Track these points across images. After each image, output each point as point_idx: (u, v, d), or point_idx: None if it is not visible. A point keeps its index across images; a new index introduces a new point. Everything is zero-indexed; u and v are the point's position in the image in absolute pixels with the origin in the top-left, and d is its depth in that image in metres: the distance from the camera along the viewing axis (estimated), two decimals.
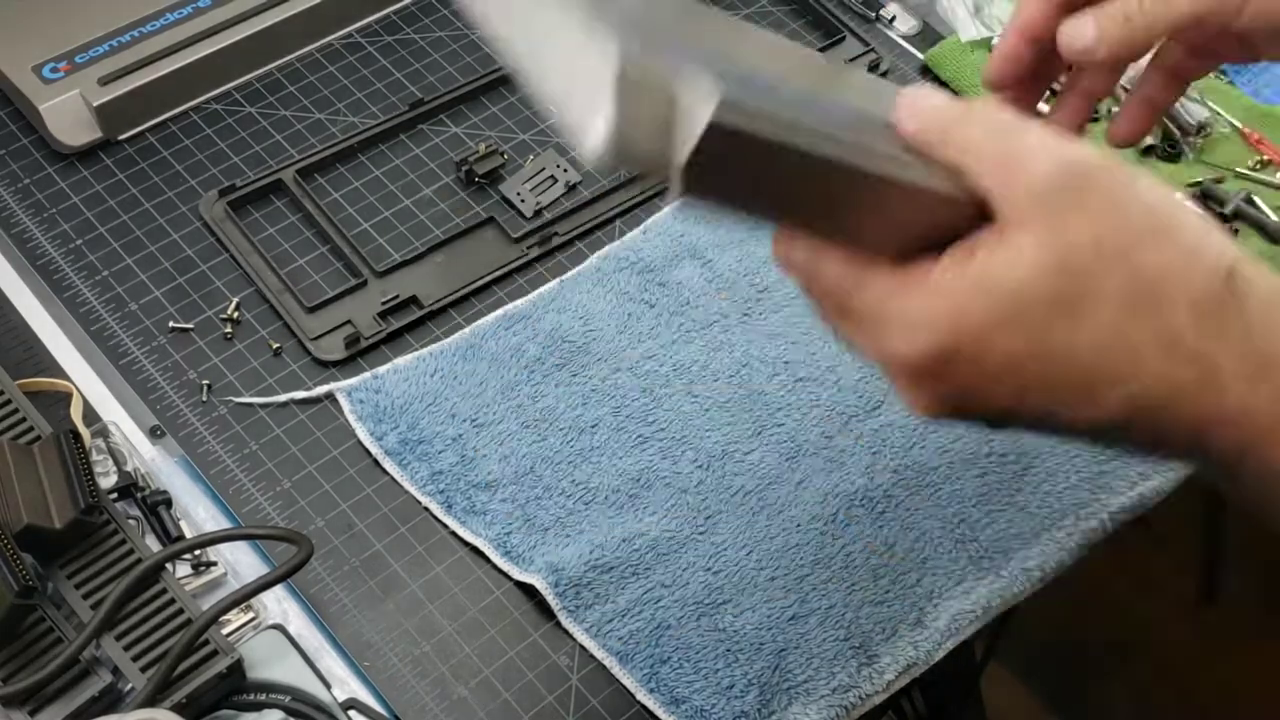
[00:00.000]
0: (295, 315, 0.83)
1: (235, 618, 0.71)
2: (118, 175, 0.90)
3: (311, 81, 0.96)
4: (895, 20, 1.02)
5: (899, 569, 0.75)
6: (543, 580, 0.73)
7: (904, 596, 0.74)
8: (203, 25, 0.93)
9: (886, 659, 0.72)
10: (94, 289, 0.85)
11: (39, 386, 0.78)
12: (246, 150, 0.92)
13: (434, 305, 0.85)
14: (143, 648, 0.66)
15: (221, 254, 0.87)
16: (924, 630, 0.73)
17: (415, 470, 0.77)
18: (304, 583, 0.74)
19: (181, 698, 0.65)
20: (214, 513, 0.76)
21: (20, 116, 0.92)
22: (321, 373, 0.82)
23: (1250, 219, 0.90)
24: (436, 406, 0.79)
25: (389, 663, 0.71)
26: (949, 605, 0.74)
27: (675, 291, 0.85)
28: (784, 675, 0.71)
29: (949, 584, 0.74)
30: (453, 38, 0.99)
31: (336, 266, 0.87)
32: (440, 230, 0.89)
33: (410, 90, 0.96)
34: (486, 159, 0.91)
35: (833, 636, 0.72)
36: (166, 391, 0.80)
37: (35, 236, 0.87)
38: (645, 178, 0.89)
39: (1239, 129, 0.95)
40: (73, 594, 0.67)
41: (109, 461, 0.76)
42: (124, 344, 0.82)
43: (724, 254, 0.87)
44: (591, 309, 0.84)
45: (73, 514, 0.66)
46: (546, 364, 0.82)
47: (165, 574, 0.68)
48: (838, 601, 0.74)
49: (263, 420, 0.80)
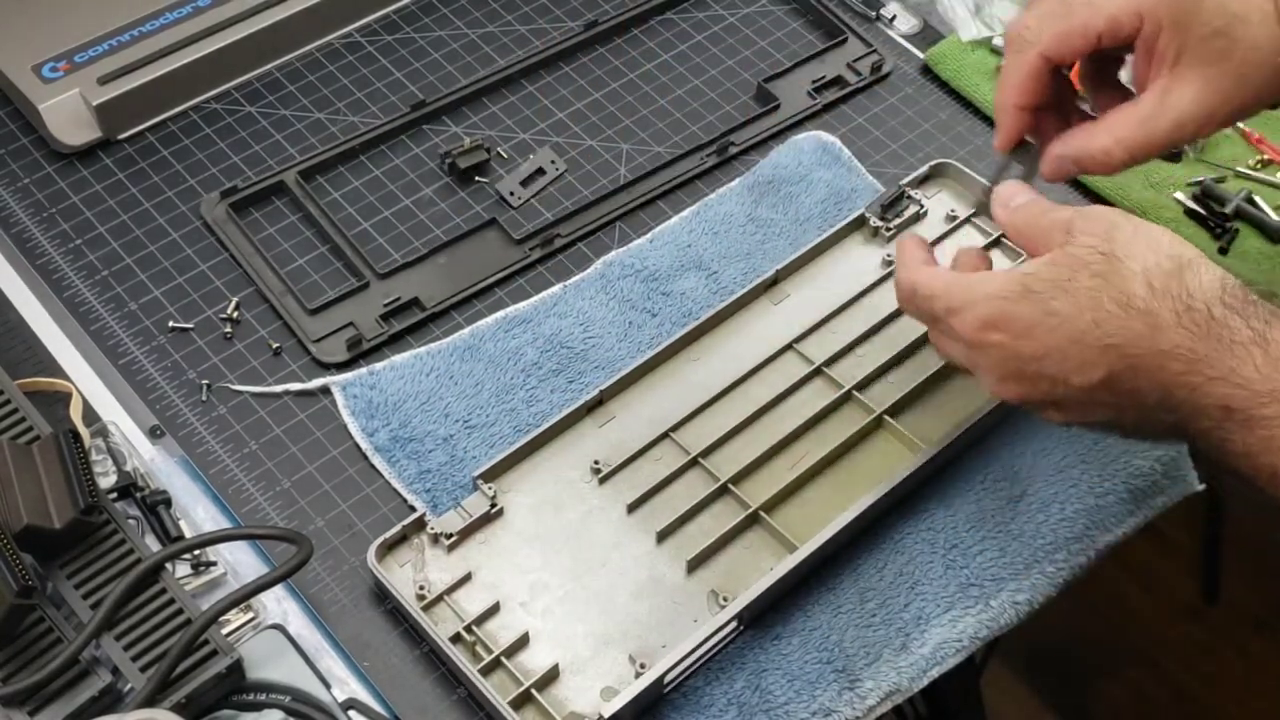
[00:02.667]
0: (297, 317, 0.83)
1: (235, 618, 0.71)
2: (117, 175, 0.90)
3: (311, 81, 0.96)
4: (895, 20, 1.02)
5: (887, 592, 0.74)
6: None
7: (890, 621, 0.73)
8: (202, 25, 0.93)
9: (869, 683, 0.71)
10: (93, 288, 0.85)
11: (38, 386, 0.78)
12: (246, 150, 0.92)
13: (436, 307, 0.84)
14: (142, 648, 0.66)
15: (221, 254, 0.87)
16: (908, 656, 0.72)
17: (404, 468, 0.77)
18: (304, 583, 0.74)
19: (181, 698, 0.65)
20: (213, 512, 0.76)
21: (20, 116, 0.92)
22: (322, 373, 0.82)
23: (1250, 218, 0.90)
24: (430, 406, 0.79)
25: (389, 663, 0.71)
26: (935, 633, 0.73)
27: (678, 302, 0.85)
28: (763, 696, 0.70)
29: (937, 610, 0.74)
30: (453, 37, 0.99)
31: (337, 267, 0.87)
32: (441, 231, 0.89)
33: (410, 90, 0.96)
34: (470, 153, 0.91)
35: (815, 658, 0.72)
36: (166, 391, 0.80)
37: (35, 236, 0.87)
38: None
39: (1239, 128, 0.95)
40: (72, 594, 0.67)
41: (109, 461, 0.76)
42: (123, 344, 0.82)
43: (729, 266, 0.87)
44: (593, 315, 0.84)
45: (72, 514, 0.66)
46: (544, 369, 0.82)
47: (165, 574, 0.68)
48: (822, 623, 0.73)
49: (262, 420, 0.80)
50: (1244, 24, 0.63)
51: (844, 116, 0.96)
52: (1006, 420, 0.80)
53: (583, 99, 0.96)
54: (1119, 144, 0.66)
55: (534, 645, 0.71)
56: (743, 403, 0.79)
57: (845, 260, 0.86)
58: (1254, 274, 0.87)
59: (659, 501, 0.76)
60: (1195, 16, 0.64)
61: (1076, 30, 0.66)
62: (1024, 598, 0.75)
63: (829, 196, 0.90)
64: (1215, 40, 0.64)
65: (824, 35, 1.01)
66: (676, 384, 0.80)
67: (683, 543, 0.74)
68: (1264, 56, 0.64)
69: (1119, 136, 0.66)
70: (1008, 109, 0.69)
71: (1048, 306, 0.61)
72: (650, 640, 0.71)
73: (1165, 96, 0.65)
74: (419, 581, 0.72)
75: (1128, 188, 0.91)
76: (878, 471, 0.76)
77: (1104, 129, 0.67)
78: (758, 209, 0.89)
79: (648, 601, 0.72)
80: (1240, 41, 0.64)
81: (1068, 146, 0.68)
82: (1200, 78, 0.64)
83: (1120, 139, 0.66)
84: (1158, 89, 0.66)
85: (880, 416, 0.79)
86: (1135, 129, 0.66)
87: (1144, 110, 0.66)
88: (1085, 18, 0.65)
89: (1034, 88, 0.68)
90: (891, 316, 0.83)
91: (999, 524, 0.77)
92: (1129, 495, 0.78)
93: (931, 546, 0.76)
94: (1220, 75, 0.64)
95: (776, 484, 0.76)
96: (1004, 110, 0.70)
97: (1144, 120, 0.66)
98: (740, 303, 0.83)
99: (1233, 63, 0.64)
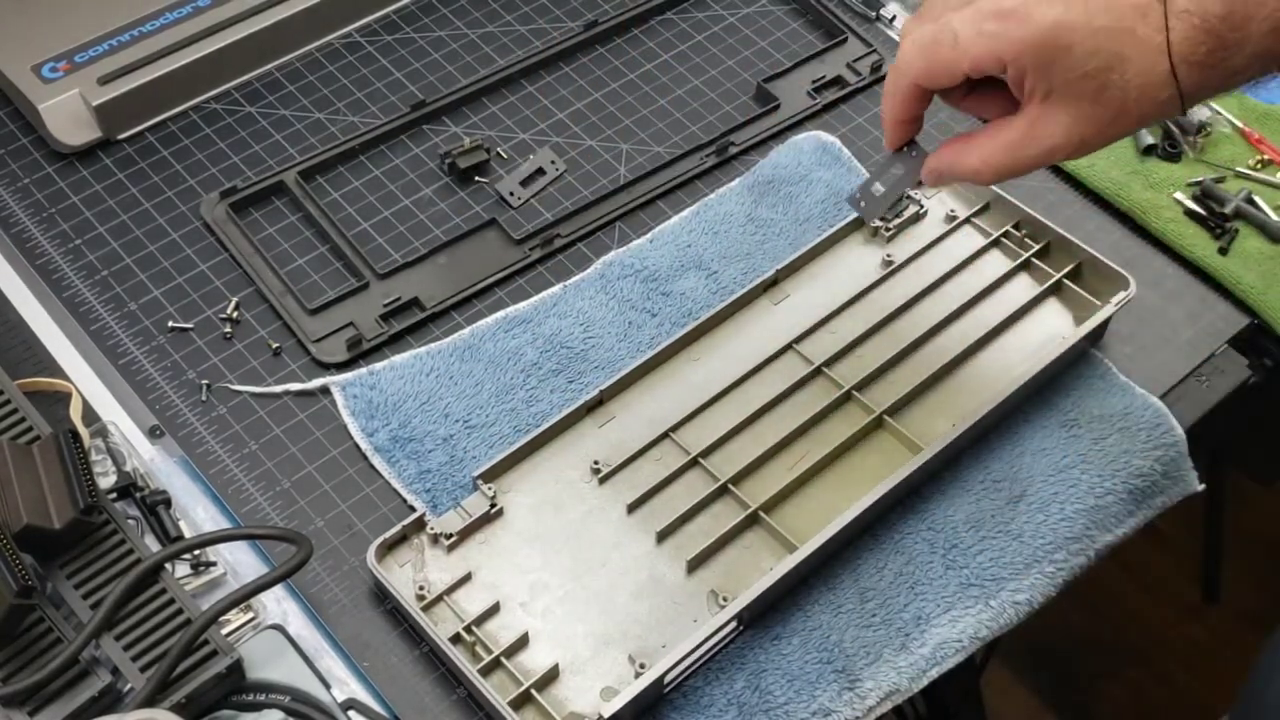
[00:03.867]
0: (297, 317, 0.83)
1: (235, 618, 0.71)
2: (117, 175, 0.90)
3: (311, 81, 0.96)
4: (895, 20, 1.02)
5: (887, 592, 0.74)
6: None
7: (890, 621, 0.73)
8: (202, 25, 0.93)
9: (869, 684, 0.71)
10: (93, 289, 0.85)
11: (38, 386, 0.78)
12: (246, 150, 0.92)
13: (436, 307, 0.84)
14: (142, 648, 0.66)
15: (221, 254, 0.87)
16: (909, 656, 0.72)
17: (403, 468, 0.77)
18: (304, 583, 0.74)
19: (181, 698, 0.65)
20: (213, 513, 0.76)
21: (20, 116, 0.93)
22: (322, 373, 0.82)
23: (1250, 218, 0.90)
24: (430, 406, 0.79)
25: (389, 663, 0.71)
26: (935, 633, 0.73)
27: (678, 302, 0.85)
28: (763, 696, 0.70)
29: (937, 611, 0.74)
30: (453, 37, 0.99)
31: (337, 267, 0.87)
32: (441, 231, 0.89)
33: (410, 90, 0.96)
34: (470, 153, 0.91)
35: (815, 658, 0.72)
36: (166, 391, 0.80)
37: (35, 236, 0.87)
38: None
39: (1239, 128, 0.95)
40: (72, 594, 0.67)
41: (108, 461, 0.76)
42: (123, 344, 0.82)
43: (729, 266, 0.87)
44: (593, 315, 0.84)
45: (72, 514, 0.66)
46: (544, 369, 0.82)
47: (165, 574, 0.68)
48: (822, 623, 0.73)
49: (262, 420, 0.80)
50: (1123, 62, 0.62)
51: (844, 116, 0.96)
52: (1006, 420, 0.80)
53: (583, 99, 0.96)
54: (986, 165, 0.67)
55: (534, 645, 0.71)
56: (743, 403, 0.79)
57: (845, 260, 0.86)
58: (1254, 274, 0.87)
59: (659, 501, 0.76)
60: (1061, 62, 0.62)
61: (941, 70, 0.66)
62: (1024, 598, 0.75)
63: (829, 196, 0.90)
64: (1084, 83, 0.63)
65: (824, 35, 1.01)
66: (676, 384, 0.80)
67: (683, 543, 0.74)
68: (1147, 91, 0.62)
69: (986, 159, 0.67)
70: (891, 124, 0.71)
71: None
72: (650, 640, 0.71)
73: (1034, 128, 0.65)
74: (419, 581, 0.72)
75: (1128, 187, 0.91)
76: (878, 471, 0.76)
77: (975, 149, 0.67)
78: (758, 209, 0.89)
79: (648, 601, 0.72)
80: (1114, 83, 0.62)
81: (941, 161, 0.69)
82: (1071, 112, 0.64)
83: (988, 162, 0.67)
84: (1027, 118, 0.65)
85: (880, 416, 0.79)
86: (1002, 154, 0.66)
87: (1012, 137, 0.66)
88: (949, 59, 0.65)
89: (911, 105, 0.69)
90: (891, 316, 0.83)
91: (999, 524, 0.76)
92: (1129, 495, 0.78)
93: (931, 546, 0.76)
94: (1093, 110, 0.63)
95: (776, 484, 0.76)
96: (887, 123, 0.71)
97: (1011, 146, 0.66)
98: (740, 303, 0.83)
99: (1106, 102, 0.63)
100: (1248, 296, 0.87)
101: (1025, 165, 0.67)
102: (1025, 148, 0.66)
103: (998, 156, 0.67)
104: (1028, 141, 0.65)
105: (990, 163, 0.67)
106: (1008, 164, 0.67)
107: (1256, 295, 0.86)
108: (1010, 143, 0.66)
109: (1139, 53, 0.61)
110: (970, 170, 0.68)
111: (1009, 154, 0.66)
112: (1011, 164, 0.67)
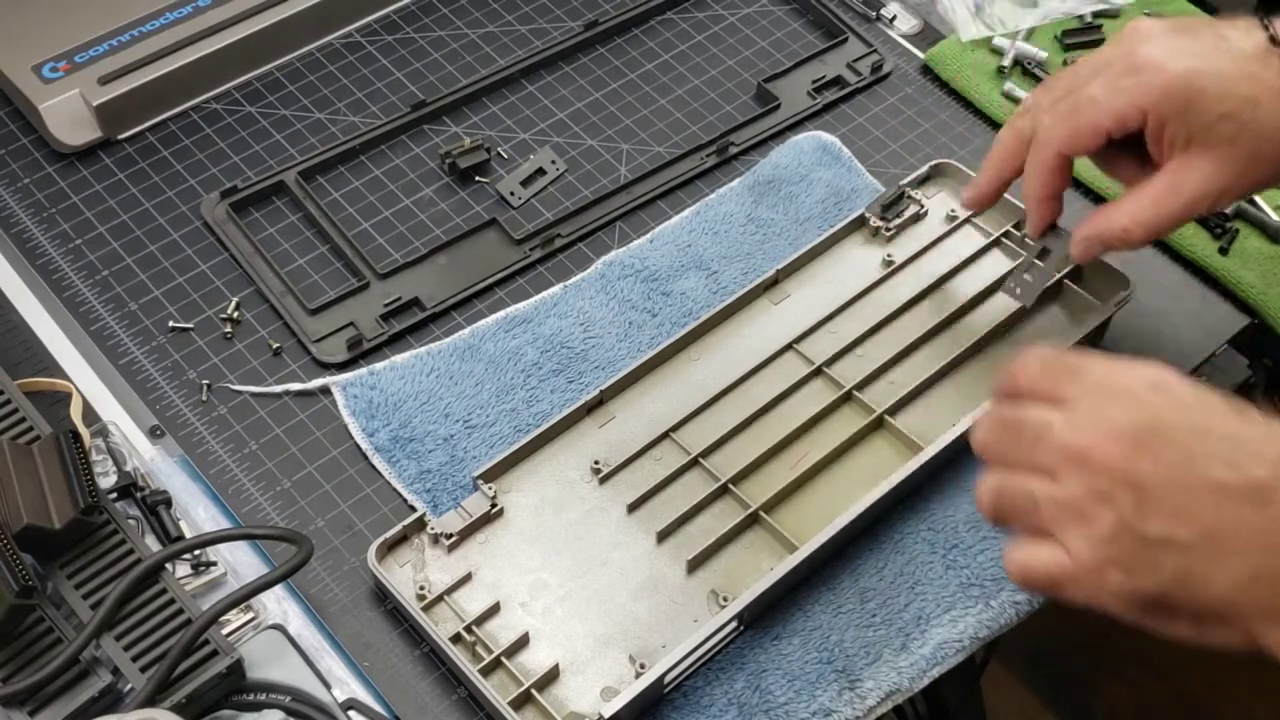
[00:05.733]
0: (297, 317, 0.83)
1: (235, 618, 0.71)
2: (117, 175, 0.90)
3: (311, 81, 0.96)
4: (896, 20, 1.02)
5: (887, 592, 0.74)
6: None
7: (891, 621, 0.73)
8: (203, 25, 0.93)
9: (869, 684, 0.71)
10: (93, 289, 0.85)
11: (39, 386, 0.78)
12: (246, 150, 0.92)
13: (437, 307, 0.84)
14: (143, 648, 0.66)
15: (221, 254, 0.87)
16: (909, 656, 0.72)
17: (404, 468, 0.77)
18: (304, 583, 0.74)
19: (181, 698, 0.65)
20: (214, 513, 0.76)
21: (20, 116, 0.93)
22: (322, 373, 0.82)
23: (1250, 219, 0.90)
24: (431, 406, 0.79)
25: (389, 663, 0.71)
26: (936, 633, 0.73)
27: (679, 302, 0.85)
28: (763, 696, 0.70)
29: (937, 610, 0.73)
30: (453, 37, 0.99)
31: (337, 267, 0.87)
32: (441, 231, 0.89)
33: (410, 90, 0.96)
34: (470, 153, 0.91)
35: (815, 658, 0.71)
36: (166, 391, 0.80)
37: (35, 236, 0.87)
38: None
39: None
40: (72, 594, 0.67)
41: (109, 461, 0.76)
42: (124, 344, 0.82)
43: (729, 266, 0.87)
44: (593, 315, 0.84)
45: (72, 514, 0.66)
46: (544, 369, 0.82)
47: (165, 574, 0.68)
48: (822, 623, 0.73)
49: (262, 420, 0.80)
50: (1254, 106, 0.65)
51: (844, 116, 0.96)
52: None
53: (583, 99, 0.96)
54: (1135, 224, 0.69)
55: (534, 645, 0.71)
56: (743, 403, 0.79)
57: (845, 260, 0.86)
58: (1254, 274, 0.87)
59: (659, 501, 0.76)
60: (1198, 105, 0.66)
61: (1085, 130, 0.69)
62: (1024, 598, 0.74)
63: (829, 196, 0.90)
64: (1222, 125, 0.66)
65: (824, 35, 1.01)
66: (676, 384, 0.80)
67: (683, 543, 0.74)
68: (1277, 134, 0.66)
69: (1134, 216, 0.69)
70: (1036, 202, 0.74)
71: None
72: (650, 640, 0.71)
73: (1176, 177, 0.67)
74: (419, 581, 0.72)
75: None
76: (878, 471, 0.76)
77: (1122, 211, 0.70)
78: (758, 209, 0.89)
79: (648, 601, 0.72)
80: (1249, 124, 0.65)
81: (1089, 229, 0.72)
82: (1212, 159, 0.67)
83: (1136, 220, 0.69)
84: (1170, 170, 0.68)
85: (880, 416, 0.79)
86: (1149, 210, 0.69)
87: (1157, 191, 0.68)
88: (1092, 117, 0.68)
89: (1056, 180, 0.72)
90: (891, 316, 0.83)
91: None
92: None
93: (931, 546, 0.76)
94: (1232, 155, 0.66)
95: (776, 484, 0.76)
96: (1033, 202, 0.74)
97: (1157, 201, 0.68)
98: (740, 303, 0.83)
99: (1244, 143, 0.66)
100: (1248, 296, 0.87)
101: (1172, 217, 0.68)
102: (1170, 200, 0.68)
103: (1145, 213, 0.69)
104: (1172, 193, 0.67)
105: (1139, 220, 0.69)
106: (1154, 219, 0.69)
107: (1257, 295, 0.86)
108: (1156, 197, 0.68)
109: (1269, 97, 0.65)
110: (1120, 231, 0.70)
111: (1155, 208, 0.68)
112: (1158, 218, 0.68)
